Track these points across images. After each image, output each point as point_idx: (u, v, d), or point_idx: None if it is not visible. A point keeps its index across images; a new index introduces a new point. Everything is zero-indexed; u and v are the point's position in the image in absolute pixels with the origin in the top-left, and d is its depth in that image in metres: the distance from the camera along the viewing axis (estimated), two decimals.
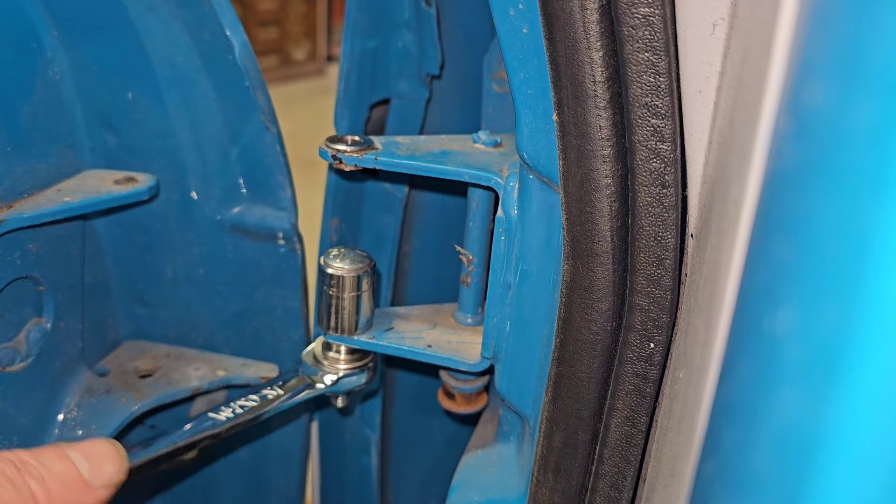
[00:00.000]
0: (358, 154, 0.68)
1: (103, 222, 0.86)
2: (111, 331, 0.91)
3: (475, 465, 0.75)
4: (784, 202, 0.29)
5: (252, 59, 0.77)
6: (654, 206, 0.49)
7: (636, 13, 0.45)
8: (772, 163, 0.32)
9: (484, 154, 0.69)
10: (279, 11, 6.45)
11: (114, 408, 0.82)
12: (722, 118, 0.45)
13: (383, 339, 0.74)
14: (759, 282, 0.31)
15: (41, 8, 0.73)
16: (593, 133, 0.49)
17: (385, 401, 1.00)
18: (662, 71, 0.46)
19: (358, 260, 0.72)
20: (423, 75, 0.84)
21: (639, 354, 0.53)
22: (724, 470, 0.32)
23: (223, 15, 0.74)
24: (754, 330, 0.30)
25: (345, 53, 0.78)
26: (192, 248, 0.88)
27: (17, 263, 0.72)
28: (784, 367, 0.27)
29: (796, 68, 0.30)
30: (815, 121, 0.27)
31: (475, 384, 0.82)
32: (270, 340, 0.93)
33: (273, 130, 0.81)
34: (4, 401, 0.73)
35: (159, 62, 0.78)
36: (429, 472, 1.13)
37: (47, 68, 0.75)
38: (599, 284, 0.53)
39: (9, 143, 0.70)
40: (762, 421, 0.28)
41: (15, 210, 0.70)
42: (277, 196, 0.85)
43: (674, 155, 0.48)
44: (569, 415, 0.57)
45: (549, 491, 0.61)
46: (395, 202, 0.88)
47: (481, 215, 0.73)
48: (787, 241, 0.28)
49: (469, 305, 0.76)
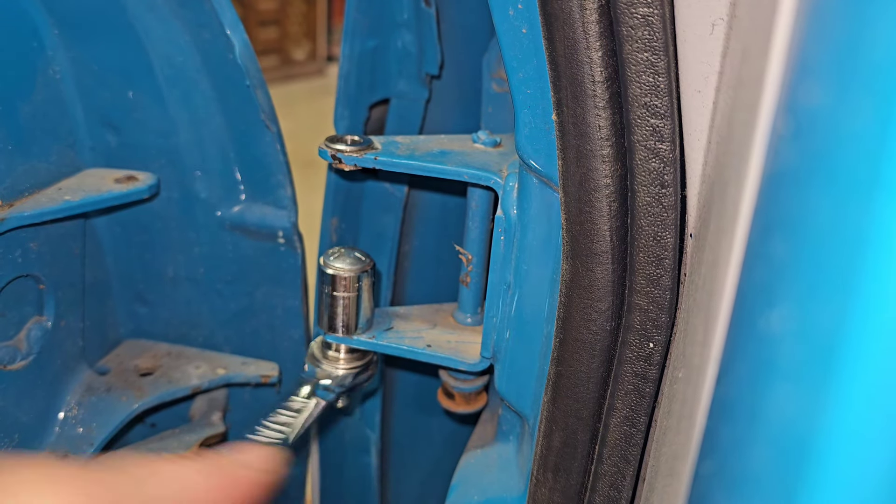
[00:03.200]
0: (357, 154, 0.68)
1: (104, 221, 0.86)
2: (111, 329, 0.91)
3: (475, 464, 0.75)
4: (782, 202, 0.29)
5: (252, 59, 0.78)
6: (653, 205, 0.49)
7: (635, 13, 0.45)
8: (770, 162, 0.32)
9: (483, 154, 0.69)
10: (279, 11, 6.45)
11: (114, 406, 0.82)
12: (721, 118, 0.45)
13: (383, 338, 0.74)
14: (758, 281, 0.31)
15: (42, 7, 0.73)
16: (592, 133, 0.49)
17: (385, 400, 1.00)
18: (661, 71, 0.46)
19: (357, 260, 0.72)
20: (422, 75, 0.84)
21: (638, 354, 0.53)
22: (723, 469, 0.32)
23: (223, 14, 0.74)
24: (752, 329, 0.30)
25: (344, 53, 0.78)
26: (193, 247, 0.88)
27: (18, 262, 0.72)
28: (781, 366, 0.27)
29: (794, 68, 0.30)
30: (813, 121, 0.27)
31: (475, 384, 0.82)
32: (270, 339, 0.93)
33: (273, 130, 0.81)
34: (5, 399, 0.73)
35: (160, 61, 0.78)
36: (428, 472, 1.13)
37: (48, 67, 0.75)
38: (599, 284, 0.53)
39: (9, 141, 0.71)
40: (760, 420, 0.28)
41: (16, 209, 0.70)
42: (277, 195, 0.85)
43: (673, 155, 0.48)
44: (568, 414, 0.57)
45: (549, 490, 0.61)
46: (395, 202, 0.88)
47: (481, 215, 0.73)
48: (784, 241, 0.28)
49: (468, 305, 0.76)
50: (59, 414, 0.80)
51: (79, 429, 0.79)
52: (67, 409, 0.80)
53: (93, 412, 0.81)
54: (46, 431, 0.79)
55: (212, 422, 0.92)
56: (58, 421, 0.79)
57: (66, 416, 0.80)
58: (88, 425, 0.80)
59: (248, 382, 0.91)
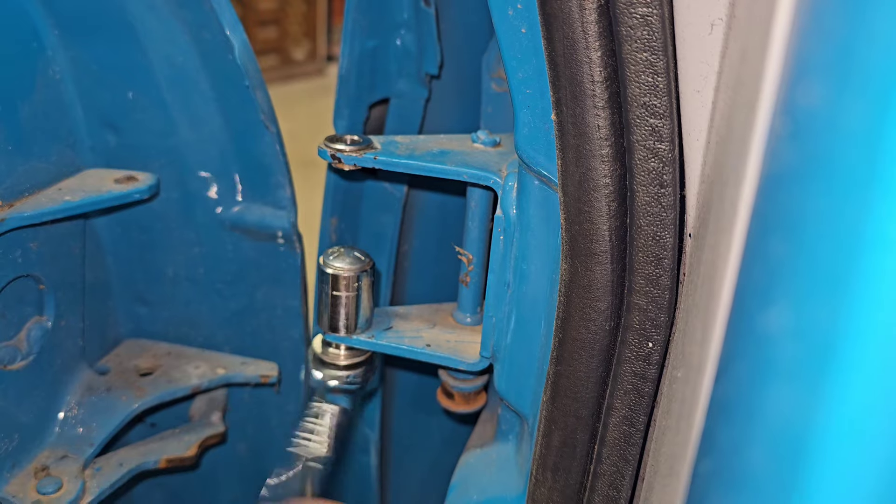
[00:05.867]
0: (357, 153, 0.68)
1: (104, 221, 0.86)
2: (111, 329, 0.92)
3: (474, 464, 0.75)
4: (780, 201, 0.29)
5: (252, 59, 0.78)
6: (652, 205, 0.49)
7: (634, 13, 0.46)
8: (768, 162, 0.32)
9: (483, 154, 0.69)
10: (279, 11, 6.45)
11: (114, 406, 0.82)
12: (720, 118, 0.46)
13: (382, 338, 0.74)
14: (756, 281, 0.31)
15: (42, 8, 0.73)
16: (592, 133, 0.49)
17: (384, 400, 1.00)
18: (661, 71, 0.46)
19: (357, 259, 0.72)
20: (422, 75, 0.84)
21: (637, 354, 0.53)
22: (721, 468, 0.32)
23: (223, 14, 0.75)
24: (751, 329, 0.30)
25: (344, 53, 0.78)
26: (192, 247, 0.88)
27: (18, 262, 0.72)
28: (779, 366, 0.27)
29: (792, 68, 0.30)
30: (810, 121, 0.27)
31: (474, 383, 0.82)
32: (270, 339, 0.93)
33: (272, 130, 0.81)
34: (5, 399, 0.73)
35: (159, 62, 0.78)
36: (428, 471, 1.13)
37: (48, 68, 0.75)
38: (598, 284, 0.53)
39: (10, 142, 0.71)
40: (758, 419, 0.28)
41: (16, 209, 0.70)
42: (277, 195, 0.85)
43: (672, 154, 0.48)
44: (567, 414, 0.57)
45: (548, 490, 0.61)
46: (395, 202, 0.88)
47: (480, 215, 0.73)
48: (782, 240, 0.28)
49: (468, 305, 0.76)
50: (60, 414, 0.80)
51: (79, 428, 0.79)
52: (67, 408, 0.80)
53: (93, 412, 0.81)
54: (46, 431, 0.79)
55: (212, 421, 0.92)
56: (58, 421, 0.79)
57: (66, 416, 0.80)
58: (88, 425, 0.80)
59: (247, 382, 0.91)
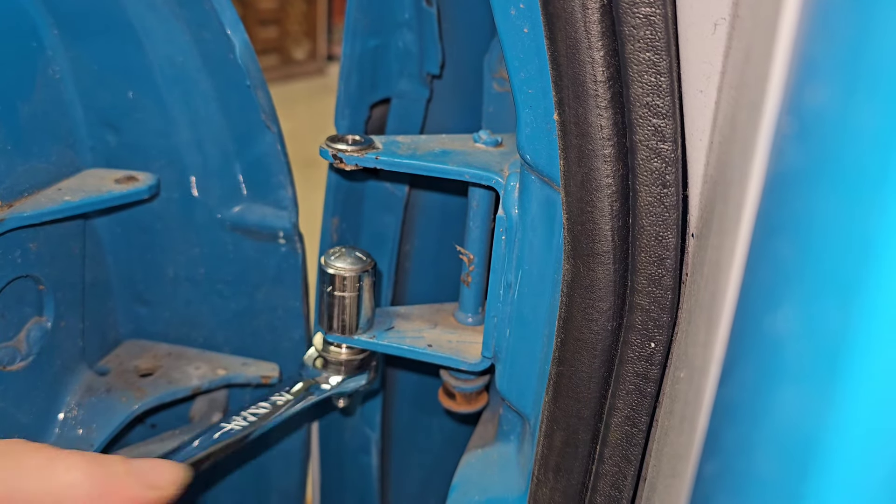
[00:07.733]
0: (358, 153, 0.68)
1: (104, 221, 0.86)
2: (111, 330, 0.91)
3: (475, 464, 0.75)
4: (785, 202, 0.29)
5: (253, 58, 0.77)
6: (655, 205, 0.49)
7: (637, 13, 0.45)
8: (773, 163, 0.32)
9: (485, 153, 0.69)
10: (279, 10, 6.45)
11: (114, 407, 0.82)
12: (723, 118, 0.45)
13: (384, 338, 0.74)
14: (761, 282, 0.31)
15: (41, 7, 0.73)
16: (594, 133, 0.49)
17: (385, 400, 1.00)
18: (664, 70, 0.46)
19: (358, 259, 0.72)
20: (423, 75, 0.84)
21: (639, 354, 0.53)
22: (725, 470, 0.32)
23: (223, 14, 0.74)
24: (755, 330, 0.30)
25: (345, 53, 0.78)
26: (193, 248, 0.88)
27: (18, 262, 0.72)
28: (785, 368, 0.27)
29: (798, 68, 0.30)
30: (817, 121, 0.27)
31: (475, 383, 0.82)
32: (271, 340, 0.93)
33: (273, 129, 0.81)
34: (5, 400, 0.73)
35: (160, 61, 0.78)
36: (429, 472, 1.13)
37: (47, 67, 0.75)
38: (600, 284, 0.53)
39: (9, 141, 0.70)
40: (763, 421, 0.28)
41: (15, 209, 0.69)
42: (278, 195, 0.85)
43: (675, 154, 0.48)
44: (569, 414, 0.57)
45: (550, 490, 0.61)
46: (396, 202, 0.88)
47: (482, 215, 0.72)
48: (788, 242, 0.28)
49: (470, 305, 0.76)
50: (59, 415, 0.79)
51: (79, 430, 0.79)
52: (67, 409, 0.80)
53: (93, 413, 0.80)
54: (46, 432, 0.78)
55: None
56: (58, 422, 0.79)
57: (65, 417, 0.80)
58: (88, 426, 0.80)
59: (248, 383, 0.91)
